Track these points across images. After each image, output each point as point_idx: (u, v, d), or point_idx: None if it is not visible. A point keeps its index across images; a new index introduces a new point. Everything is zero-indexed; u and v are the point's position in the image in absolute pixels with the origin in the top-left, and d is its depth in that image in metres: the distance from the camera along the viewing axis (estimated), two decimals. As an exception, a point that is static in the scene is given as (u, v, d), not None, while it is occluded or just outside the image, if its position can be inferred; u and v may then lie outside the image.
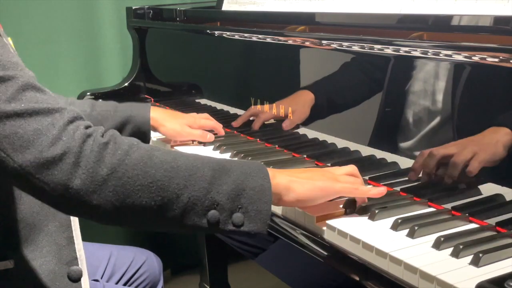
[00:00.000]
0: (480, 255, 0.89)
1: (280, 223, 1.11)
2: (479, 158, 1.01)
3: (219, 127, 1.58)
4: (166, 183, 0.89)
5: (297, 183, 1.00)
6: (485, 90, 1.06)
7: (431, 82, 1.11)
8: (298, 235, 1.06)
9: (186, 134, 1.52)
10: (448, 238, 0.95)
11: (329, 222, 1.03)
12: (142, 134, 1.45)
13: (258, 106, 1.54)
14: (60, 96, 1.41)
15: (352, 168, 1.10)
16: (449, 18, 1.11)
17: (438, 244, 0.94)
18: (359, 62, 1.29)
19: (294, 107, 1.44)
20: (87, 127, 0.91)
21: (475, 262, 0.89)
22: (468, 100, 1.07)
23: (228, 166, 0.93)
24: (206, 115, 1.59)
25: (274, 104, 1.50)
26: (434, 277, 0.86)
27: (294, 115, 1.44)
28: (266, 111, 1.54)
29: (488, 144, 1.00)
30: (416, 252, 0.93)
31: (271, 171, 0.97)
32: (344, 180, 1.06)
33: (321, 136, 1.40)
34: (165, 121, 1.48)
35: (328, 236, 1.04)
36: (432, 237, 0.97)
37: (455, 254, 0.91)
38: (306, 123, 1.43)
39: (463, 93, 1.08)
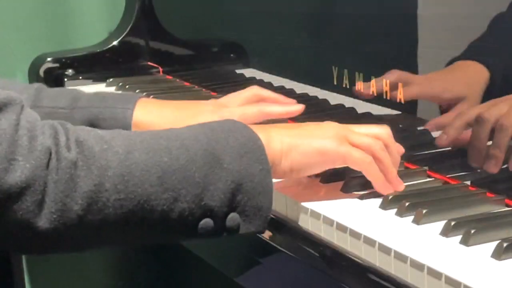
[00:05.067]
0: None
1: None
2: None
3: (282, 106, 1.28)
4: (153, 202, 0.88)
5: (293, 146, 0.99)
6: None
7: None
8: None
9: None
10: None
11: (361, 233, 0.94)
12: None
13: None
14: None
15: (381, 130, 1.04)
16: None
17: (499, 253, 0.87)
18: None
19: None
20: (44, 131, 0.86)
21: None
22: None
23: (219, 152, 0.92)
24: (253, 90, 1.30)
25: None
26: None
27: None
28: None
29: None
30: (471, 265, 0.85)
31: (263, 133, 0.96)
32: (356, 142, 1.00)
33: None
34: (161, 127, 1.22)
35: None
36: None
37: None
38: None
39: None
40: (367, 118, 1.31)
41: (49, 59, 1.76)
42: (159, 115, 1.25)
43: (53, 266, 1.99)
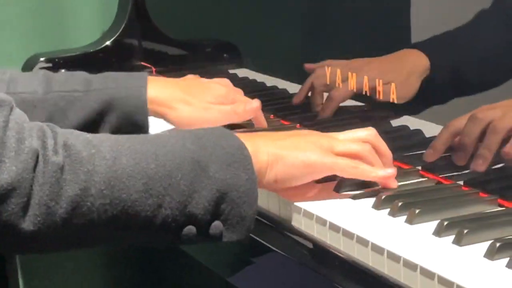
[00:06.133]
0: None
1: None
2: None
3: (260, 116, 1.32)
4: (138, 207, 0.89)
5: (278, 157, 1.00)
6: None
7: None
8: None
9: (214, 118, 1.27)
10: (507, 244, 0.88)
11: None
12: (134, 125, 1.22)
13: (327, 71, 1.36)
14: None
15: (367, 132, 1.06)
16: None
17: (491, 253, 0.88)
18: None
19: (393, 77, 1.25)
20: (32, 133, 0.87)
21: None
22: None
23: (206, 160, 0.93)
24: (239, 90, 1.35)
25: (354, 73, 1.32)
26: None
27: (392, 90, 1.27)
28: (341, 86, 1.34)
29: None
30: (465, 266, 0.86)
31: (251, 143, 0.96)
32: (342, 151, 1.02)
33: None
34: (176, 102, 1.25)
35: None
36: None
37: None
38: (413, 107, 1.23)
39: None
40: (359, 118, 1.31)
41: (42, 59, 1.75)
42: (171, 93, 1.28)
43: (47, 266, 1.98)
